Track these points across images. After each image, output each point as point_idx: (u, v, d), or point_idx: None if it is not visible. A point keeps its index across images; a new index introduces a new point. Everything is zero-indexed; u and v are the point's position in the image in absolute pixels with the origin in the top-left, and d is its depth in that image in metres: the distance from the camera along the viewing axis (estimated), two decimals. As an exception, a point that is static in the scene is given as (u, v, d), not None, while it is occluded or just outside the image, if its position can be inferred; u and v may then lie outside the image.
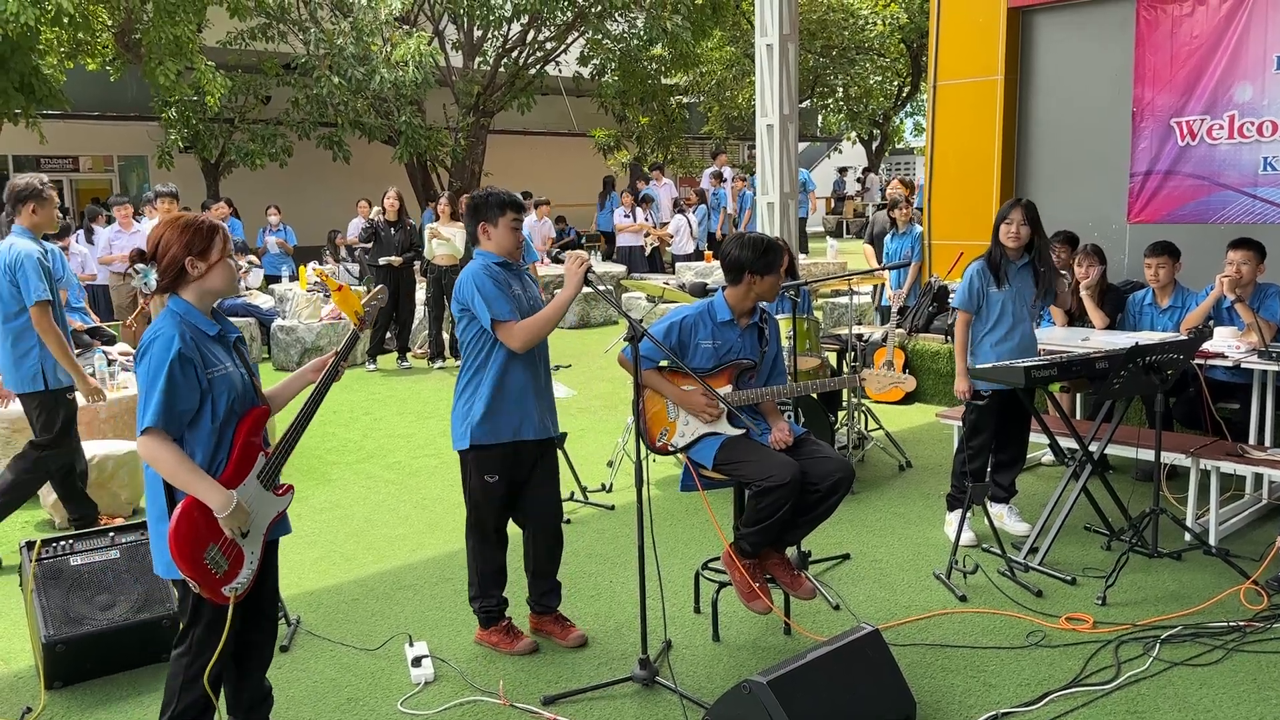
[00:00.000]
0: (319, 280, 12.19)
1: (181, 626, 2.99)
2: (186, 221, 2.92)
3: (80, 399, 5.33)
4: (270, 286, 13.21)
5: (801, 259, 15.50)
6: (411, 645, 4.08)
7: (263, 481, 2.97)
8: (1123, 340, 5.52)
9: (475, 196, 4.01)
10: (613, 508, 5.86)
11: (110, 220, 11.75)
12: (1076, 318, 6.62)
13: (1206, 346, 5.44)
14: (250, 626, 3.11)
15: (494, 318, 3.80)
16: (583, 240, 20.10)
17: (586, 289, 3.80)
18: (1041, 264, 5.08)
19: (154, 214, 9.51)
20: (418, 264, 10.91)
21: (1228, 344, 5.48)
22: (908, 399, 8.21)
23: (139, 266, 9.39)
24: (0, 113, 13.43)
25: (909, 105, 28.48)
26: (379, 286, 3.75)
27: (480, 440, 3.90)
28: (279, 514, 3.07)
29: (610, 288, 13.28)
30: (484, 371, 3.89)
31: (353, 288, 12.01)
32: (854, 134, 28.60)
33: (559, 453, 4.35)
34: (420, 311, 11.23)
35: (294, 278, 13.24)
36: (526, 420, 3.93)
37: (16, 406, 5.39)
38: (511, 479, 4.00)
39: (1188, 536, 4.93)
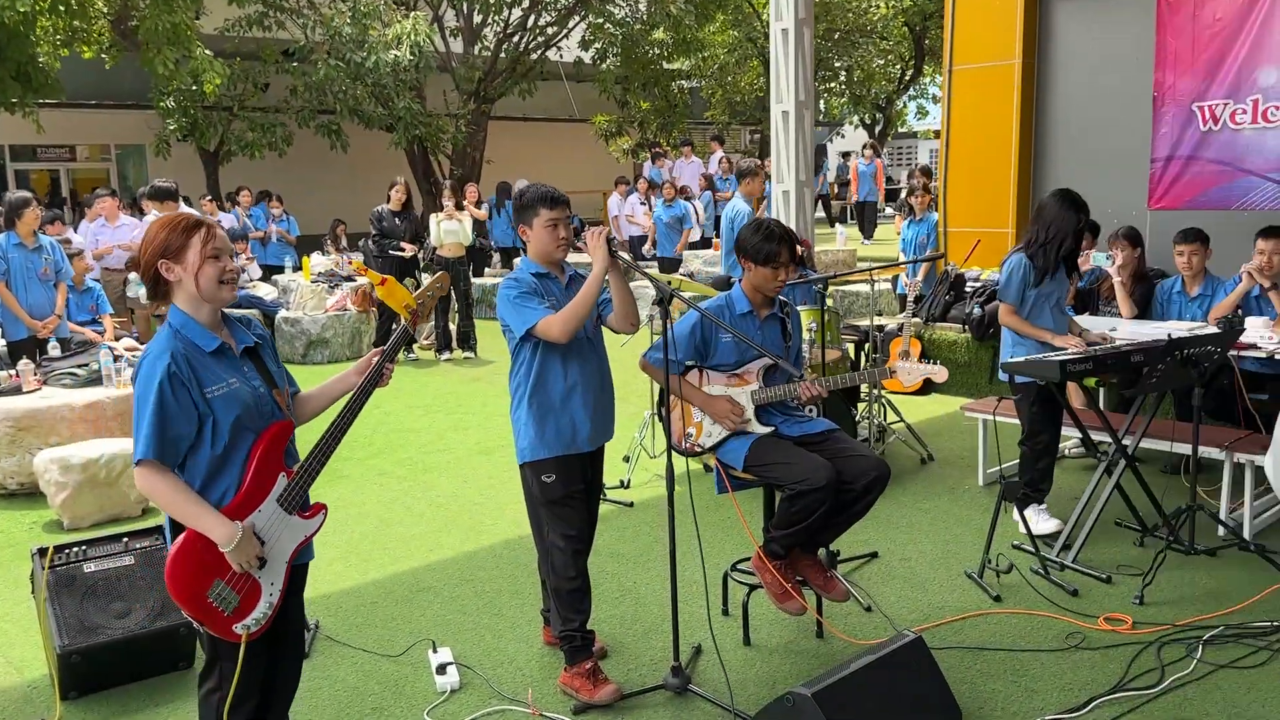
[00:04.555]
0: (328, 272, 12.07)
1: (206, 659, 2.75)
2: (165, 220, 2.64)
3: None
4: (273, 277, 13.06)
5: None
6: (435, 651, 3.98)
7: (285, 505, 2.69)
8: (1149, 330, 5.40)
9: (516, 194, 3.66)
10: (631, 504, 5.75)
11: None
12: (1102, 304, 6.51)
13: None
14: (270, 658, 2.85)
15: (527, 326, 3.50)
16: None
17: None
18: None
19: (151, 209, 9.29)
20: (420, 254, 10.78)
21: (1260, 335, 5.36)
22: (925, 389, 8.10)
23: (132, 276, 9.15)
24: (-3, 102, 13.28)
25: (912, 89, 28.28)
26: (439, 274, 3.42)
27: (531, 458, 3.64)
28: (306, 538, 2.77)
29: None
30: (526, 383, 3.62)
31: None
32: (856, 118, 28.40)
33: None
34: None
35: (297, 268, 13.09)
36: (580, 429, 3.64)
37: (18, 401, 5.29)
38: (571, 484, 3.67)
39: (1222, 532, 4.83)
